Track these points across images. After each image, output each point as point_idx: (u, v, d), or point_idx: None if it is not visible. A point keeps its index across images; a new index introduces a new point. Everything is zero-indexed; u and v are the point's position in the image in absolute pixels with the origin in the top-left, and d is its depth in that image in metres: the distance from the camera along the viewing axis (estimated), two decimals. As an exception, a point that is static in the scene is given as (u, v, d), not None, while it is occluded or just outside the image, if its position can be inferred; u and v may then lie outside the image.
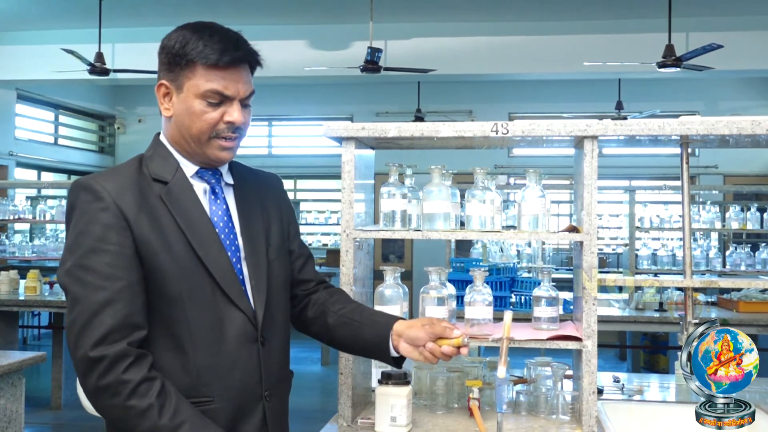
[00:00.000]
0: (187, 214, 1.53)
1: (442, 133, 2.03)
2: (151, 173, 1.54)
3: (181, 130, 1.55)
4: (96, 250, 1.44)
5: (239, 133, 1.57)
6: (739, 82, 9.88)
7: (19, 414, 3.09)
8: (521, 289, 4.19)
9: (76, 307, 1.42)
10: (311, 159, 10.78)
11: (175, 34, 1.55)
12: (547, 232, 2.06)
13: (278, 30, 7.99)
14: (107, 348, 1.39)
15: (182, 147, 1.57)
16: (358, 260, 2.07)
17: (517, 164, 9.76)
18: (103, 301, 1.41)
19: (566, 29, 7.76)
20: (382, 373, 1.91)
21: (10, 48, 8.34)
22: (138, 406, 1.38)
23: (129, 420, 1.39)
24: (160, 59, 1.56)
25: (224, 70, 1.51)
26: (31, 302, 5.59)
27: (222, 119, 1.53)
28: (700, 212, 6.04)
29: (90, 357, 1.38)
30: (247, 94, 1.56)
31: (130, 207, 1.47)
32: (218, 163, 1.59)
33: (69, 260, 1.45)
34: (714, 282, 2.30)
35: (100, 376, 1.38)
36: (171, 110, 1.55)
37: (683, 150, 2.15)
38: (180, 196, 1.54)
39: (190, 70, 1.51)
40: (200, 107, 1.52)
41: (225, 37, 1.53)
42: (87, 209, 1.47)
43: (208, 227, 1.55)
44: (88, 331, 1.40)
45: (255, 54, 1.58)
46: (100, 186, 1.48)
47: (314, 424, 1.96)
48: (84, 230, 1.45)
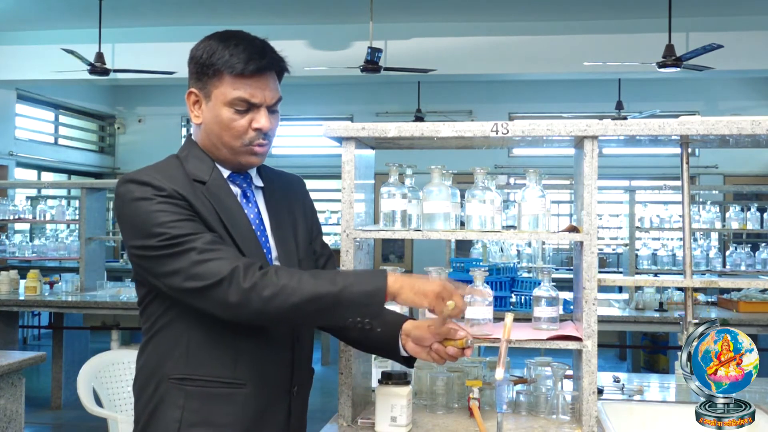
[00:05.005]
0: (228, 212, 1.58)
1: (442, 133, 2.03)
2: (189, 173, 1.59)
3: (212, 138, 1.61)
4: (173, 221, 1.49)
5: (268, 138, 1.63)
6: (739, 82, 9.88)
7: (19, 414, 3.09)
8: (521, 289, 4.18)
9: (184, 257, 1.47)
10: (311, 159, 10.78)
11: (203, 44, 1.60)
12: (547, 232, 2.06)
13: (278, 30, 7.98)
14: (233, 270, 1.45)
15: (214, 153, 1.63)
16: (358, 260, 2.06)
17: (517, 164, 9.76)
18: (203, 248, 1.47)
19: (566, 29, 7.75)
20: (382, 373, 1.91)
21: (10, 48, 8.34)
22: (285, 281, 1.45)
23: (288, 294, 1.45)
24: (189, 69, 1.62)
25: (250, 78, 1.56)
26: (31, 302, 5.58)
27: (250, 126, 1.58)
28: (700, 212, 6.03)
29: (225, 277, 1.44)
30: (274, 100, 1.61)
31: (186, 193, 1.53)
32: (249, 167, 1.66)
33: (148, 238, 1.49)
34: (714, 282, 2.30)
35: (243, 280, 1.44)
36: (201, 118, 1.61)
37: (683, 150, 2.14)
38: (220, 195, 1.59)
39: (218, 79, 1.56)
40: (228, 115, 1.57)
41: (251, 46, 1.57)
42: (150, 197, 1.51)
43: (247, 225, 1.61)
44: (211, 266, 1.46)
45: (281, 61, 1.62)
46: (152, 178, 1.53)
47: (314, 424, 1.96)
48: (153, 210, 1.49)
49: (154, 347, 1.61)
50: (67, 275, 6.13)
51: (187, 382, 1.56)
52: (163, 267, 1.50)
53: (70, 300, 5.56)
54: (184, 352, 1.56)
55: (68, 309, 5.64)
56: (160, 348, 1.59)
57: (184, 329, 1.57)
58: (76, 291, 5.80)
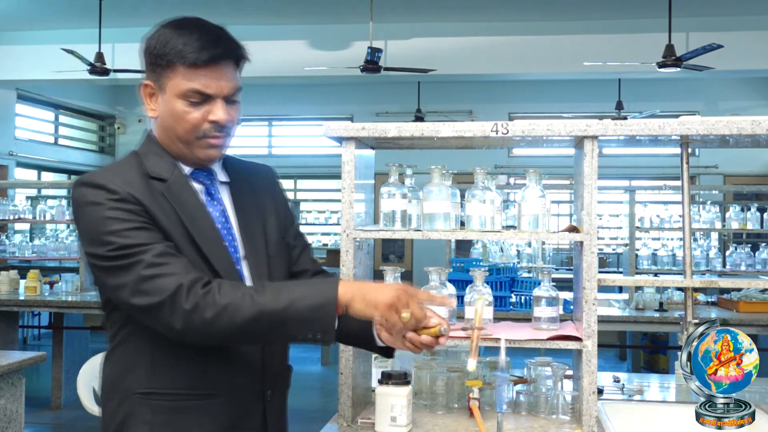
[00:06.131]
0: (190, 212, 1.50)
1: (442, 133, 2.03)
2: (149, 171, 1.51)
3: (167, 132, 1.53)
4: (124, 229, 1.41)
5: (227, 131, 1.53)
6: (739, 82, 9.88)
7: (19, 414, 3.09)
8: (521, 289, 4.19)
9: (131, 271, 1.40)
10: (311, 159, 10.78)
11: (156, 33, 1.51)
12: (547, 232, 2.06)
13: (278, 30, 7.99)
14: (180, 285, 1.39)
15: (171, 149, 1.55)
16: (358, 260, 2.06)
17: (517, 164, 9.75)
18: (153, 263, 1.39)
19: (566, 29, 7.75)
20: (382, 373, 1.91)
21: (10, 48, 8.34)
22: (229, 301, 1.37)
23: (235, 313, 1.37)
24: (143, 60, 1.53)
25: (204, 68, 1.47)
26: (31, 302, 5.59)
27: (206, 119, 1.49)
28: (700, 212, 6.03)
29: (168, 297, 1.37)
30: (232, 91, 1.51)
31: (142, 196, 1.46)
32: (208, 162, 1.57)
33: (98, 246, 1.42)
34: (714, 282, 2.30)
35: (185, 301, 1.37)
36: (156, 111, 1.53)
37: (683, 150, 2.15)
38: (181, 194, 1.51)
39: (171, 70, 1.48)
40: (182, 108, 1.49)
41: (205, 34, 1.48)
42: (102, 202, 1.43)
43: (210, 225, 1.52)
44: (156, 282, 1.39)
45: (238, 49, 1.52)
46: (107, 180, 1.45)
47: (314, 424, 1.96)
48: (105, 216, 1.42)
49: (117, 358, 1.53)
50: (67, 275, 6.14)
51: (154, 397, 1.47)
52: (111, 278, 1.43)
53: (70, 300, 5.57)
54: (149, 365, 1.48)
55: (68, 309, 5.64)
56: (123, 359, 1.52)
57: (147, 340, 1.48)
58: (76, 291, 5.80)
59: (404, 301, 1.40)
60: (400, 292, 1.41)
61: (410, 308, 1.41)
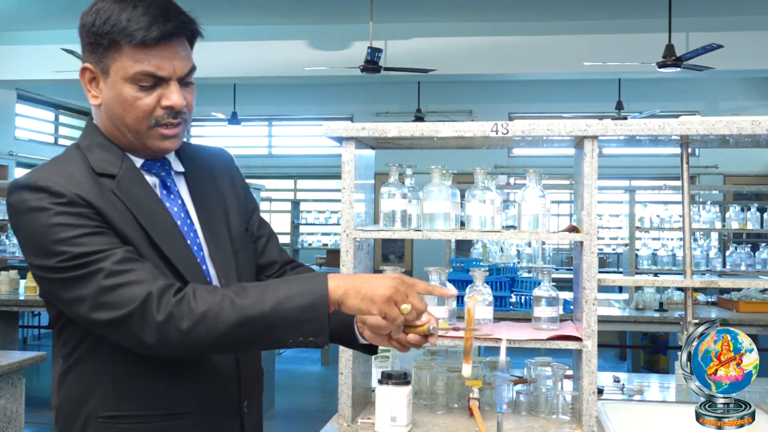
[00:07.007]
0: (145, 210, 1.33)
1: (442, 133, 2.03)
2: (95, 167, 1.33)
3: (114, 121, 1.34)
4: (75, 236, 1.24)
5: (183, 117, 1.35)
6: (739, 82, 9.88)
7: (19, 414, 3.09)
8: (521, 289, 4.19)
9: (90, 282, 1.23)
10: (311, 159, 10.79)
11: (95, 7, 1.31)
12: (547, 232, 2.06)
13: (278, 30, 7.99)
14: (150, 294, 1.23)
15: (119, 139, 1.36)
16: (358, 260, 2.06)
17: (517, 164, 9.76)
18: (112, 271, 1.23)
19: (566, 29, 7.76)
20: (382, 373, 1.91)
21: (10, 48, 8.35)
22: (206, 308, 1.22)
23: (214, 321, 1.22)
24: (81, 39, 1.34)
25: (155, 47, 1.29)
26: (31, 302, 5.58)
27: (159, 104, 1.32)
28: (700, 212, 6.04)
29: (136, 308, 1.22)
30: (186, 71, 1.34)
31: (92, 197, 1.28)
32: (162, 153, 1.39)
33: (46, 257, 1.25)
34: (714, 282, 2.30)
35: (156, 312, 1.22)
36: (99, 98, 1.34)
37: (683, 150, 2.15)
38: (133, 190, 1.33)
39: (115, 50, 1.29)
40: (131, 93, 1.30)
41: (152, 8, 1.29)
42: (47, 207, 1.25)
43: (170, 222, 1.36)
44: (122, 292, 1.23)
45: (190, 23, 1.35)
46: (50, 182, 1.27)
47: (314, 424, 1.96)
48: (51, 223, 1.24)
49: (75, 378, 1.34)
50: (67, 275, 6.12)
51: (119, 420, 1.31)
52: (66, 292, 1.25)
53: (70, 300, 5.56)
54: (111, 384, 1.31)
55: (68, 309, 5.63)
56: (82, 379, 1.34)
57: (109, 356, 1.31)
58: (76, 291, 5.79)
59: (403, 292, 1.26)
60: (397, 283, 1.26)
61: (410, 300, 1.27)
